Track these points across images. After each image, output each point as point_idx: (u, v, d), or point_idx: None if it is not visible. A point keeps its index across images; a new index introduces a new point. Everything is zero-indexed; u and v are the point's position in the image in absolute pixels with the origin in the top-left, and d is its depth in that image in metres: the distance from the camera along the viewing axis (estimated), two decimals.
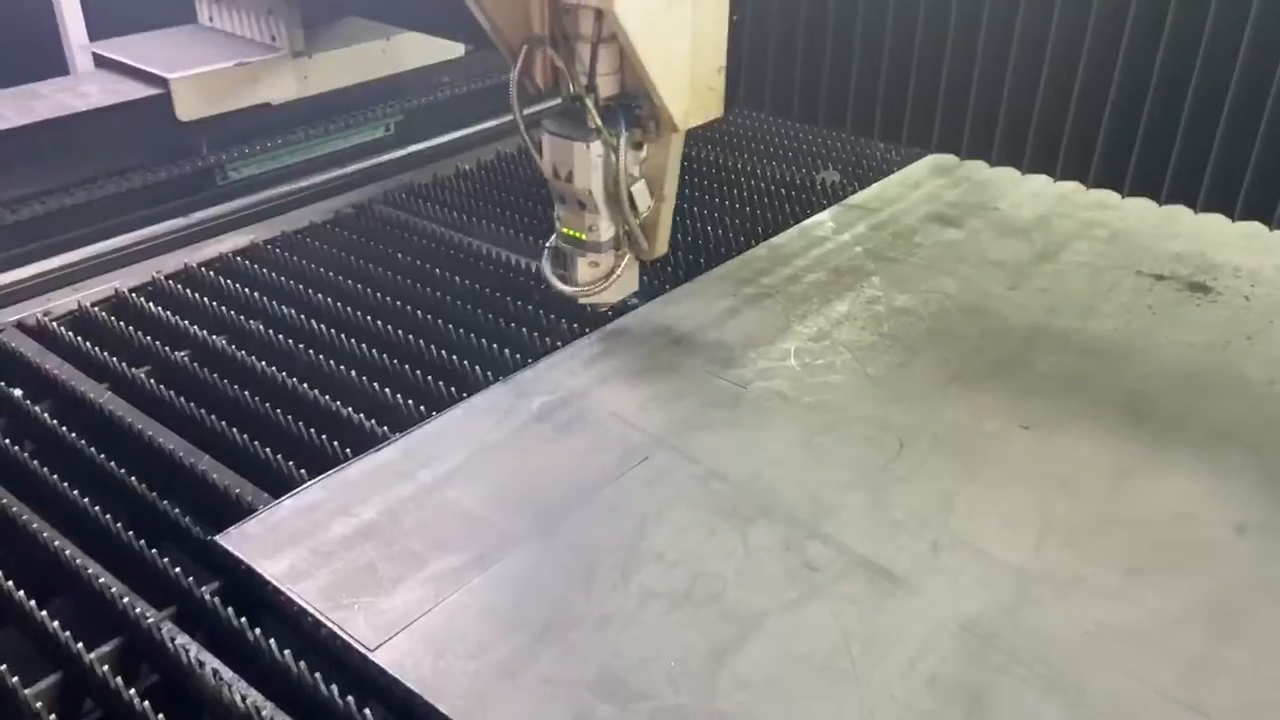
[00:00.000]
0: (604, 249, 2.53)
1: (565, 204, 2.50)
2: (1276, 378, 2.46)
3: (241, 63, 3.80)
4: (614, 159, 2.35)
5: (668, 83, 2.23)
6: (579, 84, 2.28)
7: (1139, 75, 2.12)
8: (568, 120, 2.37)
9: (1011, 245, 3.13)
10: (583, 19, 2.21)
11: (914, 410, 2.42)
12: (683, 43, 2.23)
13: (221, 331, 2.85)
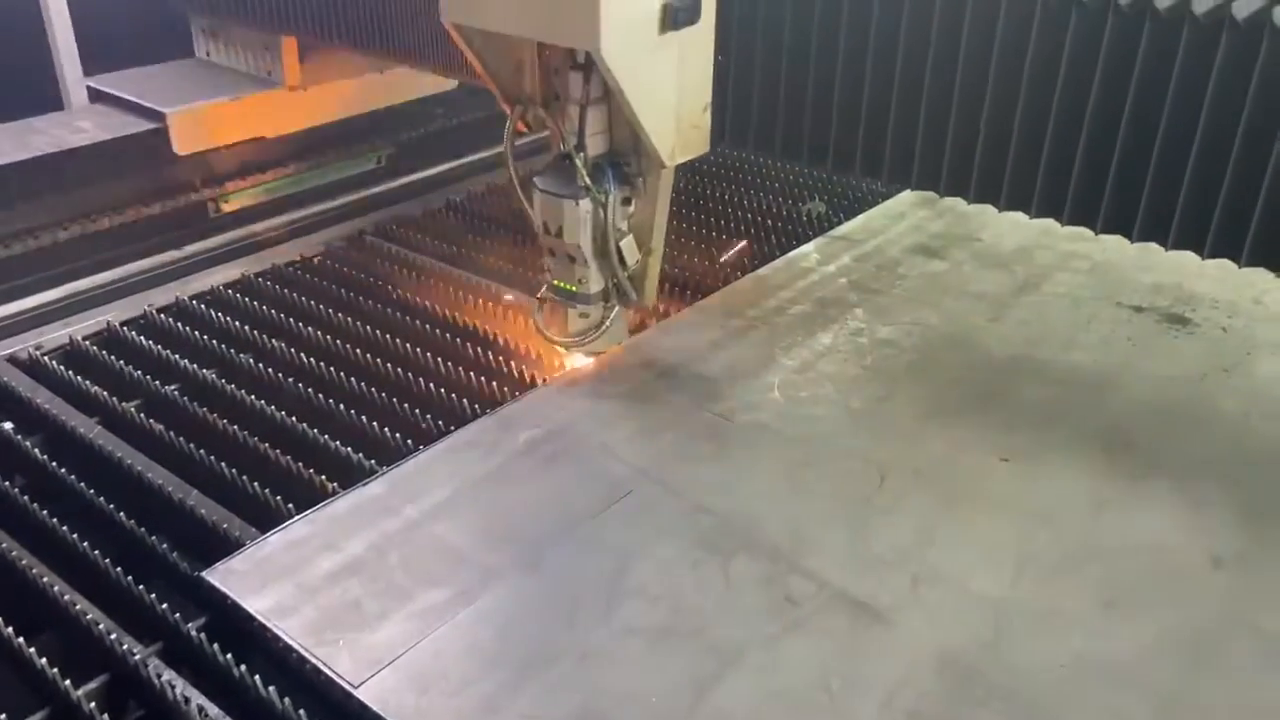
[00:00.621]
0: (593, 301, 2.62)
1: (556, 257, 2.58)
2: (1252, 410, 2.50)
3: (238, 97, 3.86)
4: (602, 215, 2.44)
5: (655, 121, 2.29)
6: (569, 143, 2.38)
7: (1109, 115, 2.16)
8: (558, 177, 2.46)
9: (994, 277, 3.17)
10: (572, 81, 2.30)
11: (896, 443, 2.45)
12: (669, 82, 2.29)
13: (211, 365, 2.88)
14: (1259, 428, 2.44)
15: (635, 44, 2.14)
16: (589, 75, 2.29)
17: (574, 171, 2.40)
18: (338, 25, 3.53)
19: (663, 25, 2.17)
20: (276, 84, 3.97)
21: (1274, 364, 2.68)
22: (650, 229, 2.56)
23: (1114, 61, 2.10)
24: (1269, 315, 2.88)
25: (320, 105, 4.08)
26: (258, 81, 3.99)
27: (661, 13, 2.15)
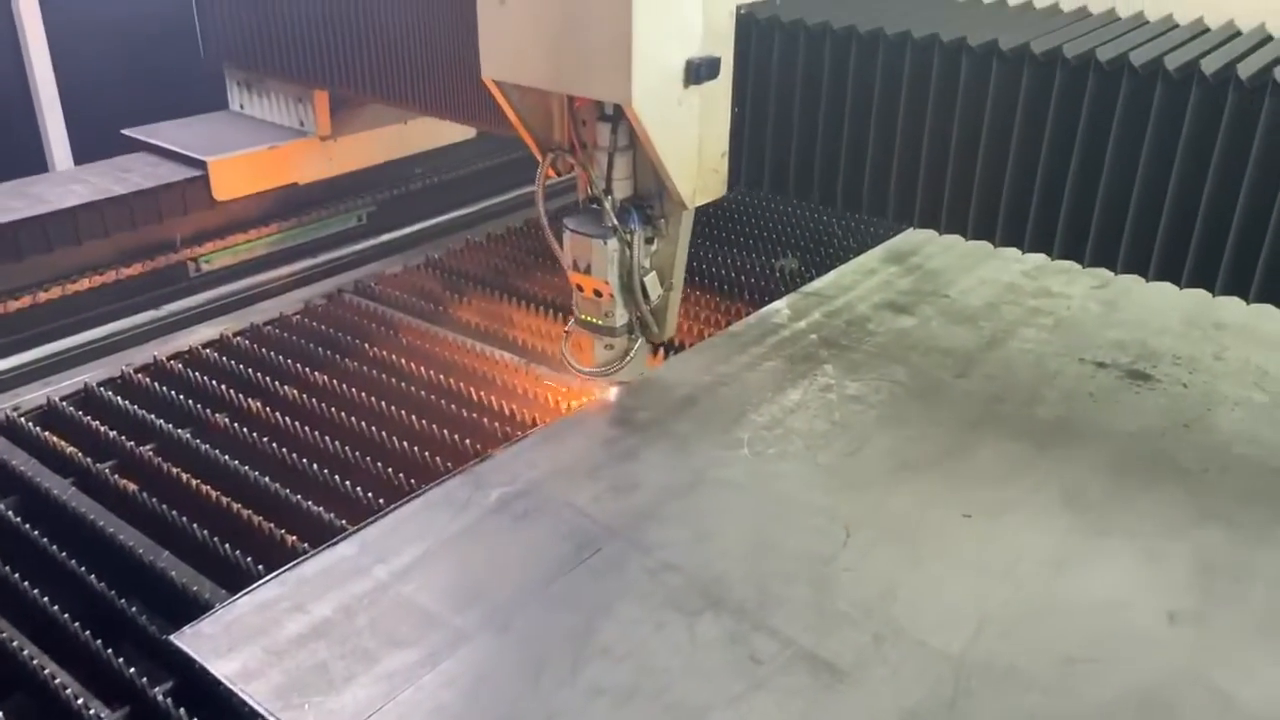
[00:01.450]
0: (618, 333, 2.80)
1: (583, 292, 2.77)
2: (1211, 466, 2.54)
3: (274, 146, 4.08)
4: (628, 253, 2.64)
5: (678, 166, 2.50)
6: (598, 187, 2.58)
7: (1094, 155, 2.31)
8: (586, 218, 2.67)
9: (961, 333, 3.23)
10: (600, 131, 2.52)
11: (862, 499, 2.48)
12: (691, 131, 2.51)
13: (187, 424, 2.91)
14: (1216, 483, 2.48)
15: (662, 97, 2.35)
16: (616, 125, 2.49)
17: (602, 213, 2.60)
18: (376, 80, 3.76)
19: (686, 80, 2.39)
20: (309, 133, 4.19)
21: (1232, 420, 2.73)
22: (671, 266, 2.76)
23: (1099, 102, 2.28)
24: (1229, 371, 2.94)
25: (350, 153, 4.33)
26: (290, 132, 4.21)
27: (685, 69, 2.37)
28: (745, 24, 2.54)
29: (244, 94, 4.40)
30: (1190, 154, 2.18)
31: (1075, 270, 3.56)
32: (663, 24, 2.27)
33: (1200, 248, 2.23)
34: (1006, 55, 2.29)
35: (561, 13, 2.29)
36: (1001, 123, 2.37)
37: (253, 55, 4.08)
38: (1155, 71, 2.16)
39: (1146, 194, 2.26)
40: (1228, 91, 2.10)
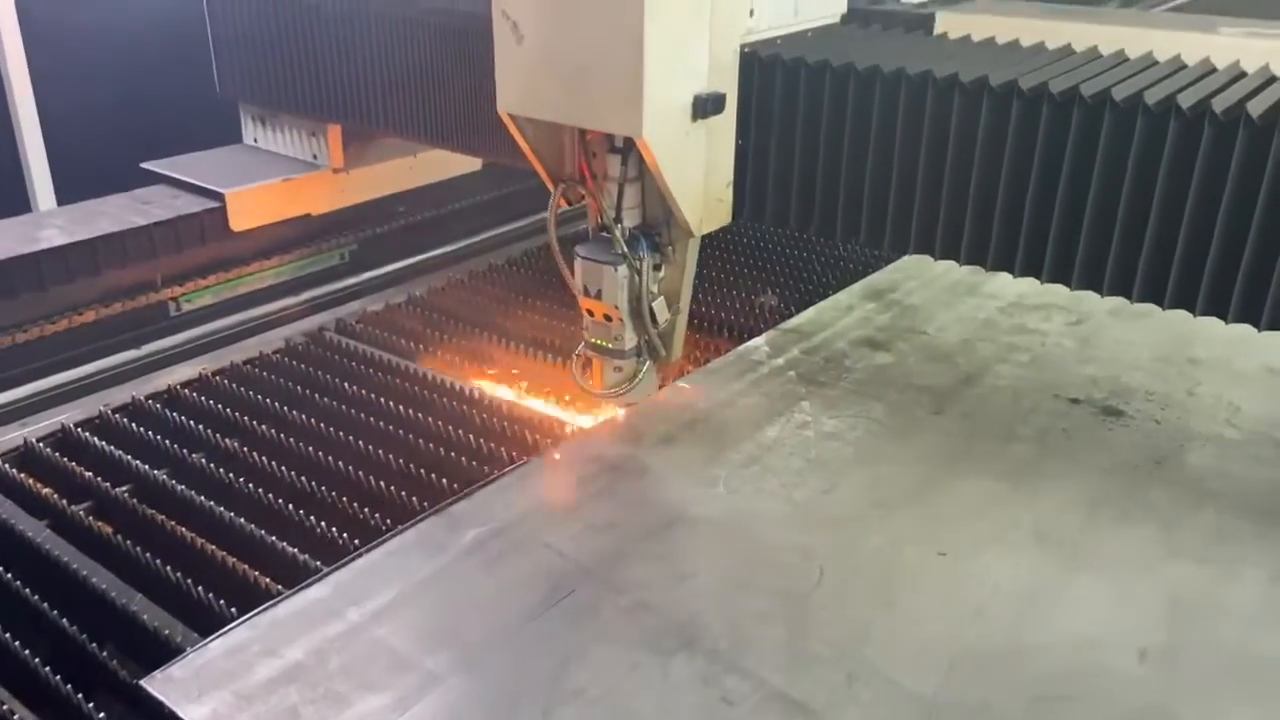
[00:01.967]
0: (627, 356, 2.91)
1: (594, 317, 2.89)
2: (1182, 503, 2.56)
3: (288, 178, 4.22)
4: (637, 280, 2.76)
5: (685, 196, 2.62)
6: (608, 216, 2.69)
7: (1080, 182, 2.41)
8: (597, 246, 2.79)
9: (937, 369, 3.25)
10: (610, 162, 2.65)
11: (836, 537, 2.49)
12: (698, 163, 2.63)
13: (164, 465, 2.91)
14: (1185, 520, 2.49)
15: (671, 130, 2.47)
16: (626, 157, 2.60)
17: (612, 241, 2.71)
18: (390, 114, 3.89)
19: (693, 114, 2.50)
20: (322, 166, 4.32)
21: (1203, 456, 2.75)
22: (679, 292, 2.88)
23: (1083, 133, 2.38)
24: (1201, 408, 2.96)
25: (362, 185, 4.47)
26: (304, 164, 4.34)
27: (692, 104, 2.48)
28: (749, 61, 2.65)
29: (258, 128, 4.55)
30: (1199, 186, 2.28)
31: (1051, 306, 3.62)
32: (672, 62, 2.38)
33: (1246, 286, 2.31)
34: (996, 90, 2.42)
35: (575, 50, 2.39)
36: (992, 149, 2.48)
37: (268, 91, 4.22)
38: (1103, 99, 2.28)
39: (1130, 219, 2.37)
40: (1203, 124, 2.19)
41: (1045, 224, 2.48)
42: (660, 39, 2.31)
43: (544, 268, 4.39)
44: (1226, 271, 2.28)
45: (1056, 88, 2.33)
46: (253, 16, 4.05)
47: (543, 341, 3.67)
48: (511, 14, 2.47)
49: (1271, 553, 2.39)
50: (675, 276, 2.85)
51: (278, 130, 4.45)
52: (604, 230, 2.75)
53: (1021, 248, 2.54)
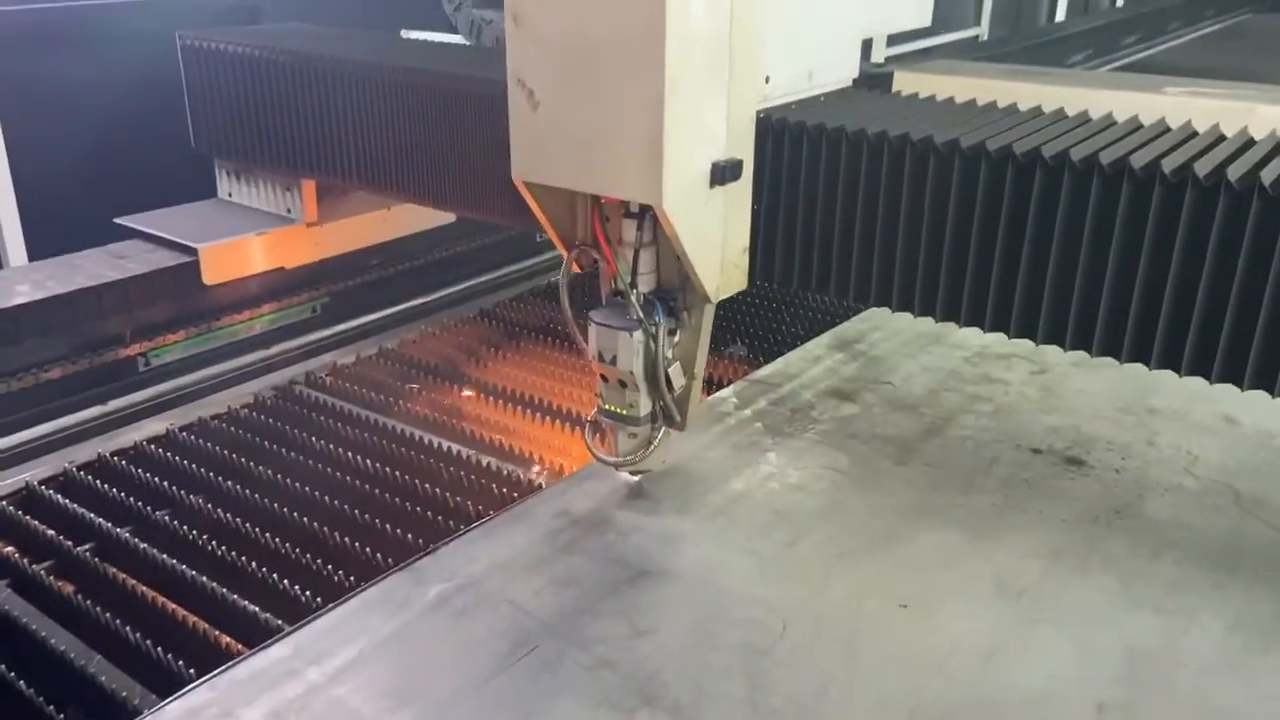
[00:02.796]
0: (642, 422, 2.83)
1: (607, 383, 2.82)
2: (1141, 553, 2.58)
3: (262, 232, 4.21)
4: (653, 345, 2.71)
5: (703, 263, 2.59)
6: (624, 281, 2.66)
7: (1042, 241, 2.43)
8: (611, 311, 2.73)
9: (902, 420, 3.28)
10: (625, 227, 2.62)
11: (799, 590, 2.49)
12: (716, 229, 2.61)
13: (127, 522, 2.89)
14: (1143, 570, 2.51)
15: (690, 198, 2.45)
16: (641, 222, 2.58)
17: (627, 306, 2.68)
18: (363, 171, 3.90)
19: (711, 181, 2.49)
20: (296, 220, 4.32)
21: (1162, 506, 2.77)
22: (694, 357, 2.83)
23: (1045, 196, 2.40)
24: (1160, 458, 2.99)
25: (336, 238, 4.47)
26: (278, 219, 4.35)
27: (710, 171, 2.48)
28: (764, 127, 2.66)
29: (233, 182, 4.57)
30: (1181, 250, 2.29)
31: (1015, 357, 3.67)
32: (692, 130, 2.38)
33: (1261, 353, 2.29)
34: (993, 156, 2.43)
35: (593, 118, 2.38)
36: (989, 215, 2.49)
37: (243, 147, 4.25)
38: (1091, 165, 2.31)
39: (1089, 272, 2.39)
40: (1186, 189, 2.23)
41: (1011, 277, 2.51)
42: (681, 108, 2.30)
43: (513, 319, 4.42)
44: (1178, 326, 2.31)
45: (1020, 148, 2.38)
46: (228, 73, 4.09)
47: (512, 394, 3.68)
48: (527, 81, 2.45)
49: (1228, 601, 2.41)
50: (690, 341, 2.81)
51: (252, 185, 4.47)
52: (618, 295, 2.71)
53: (990, 303, 2.55)
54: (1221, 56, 7.72)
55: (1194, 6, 10.24)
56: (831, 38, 2.87)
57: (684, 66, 2.27)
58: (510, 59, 2.44)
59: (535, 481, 3.06)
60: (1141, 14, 9.49)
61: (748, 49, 2.48)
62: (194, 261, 3.99)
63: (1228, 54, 7.86)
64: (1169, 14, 9.73)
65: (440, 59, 3.81)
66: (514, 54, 2.45)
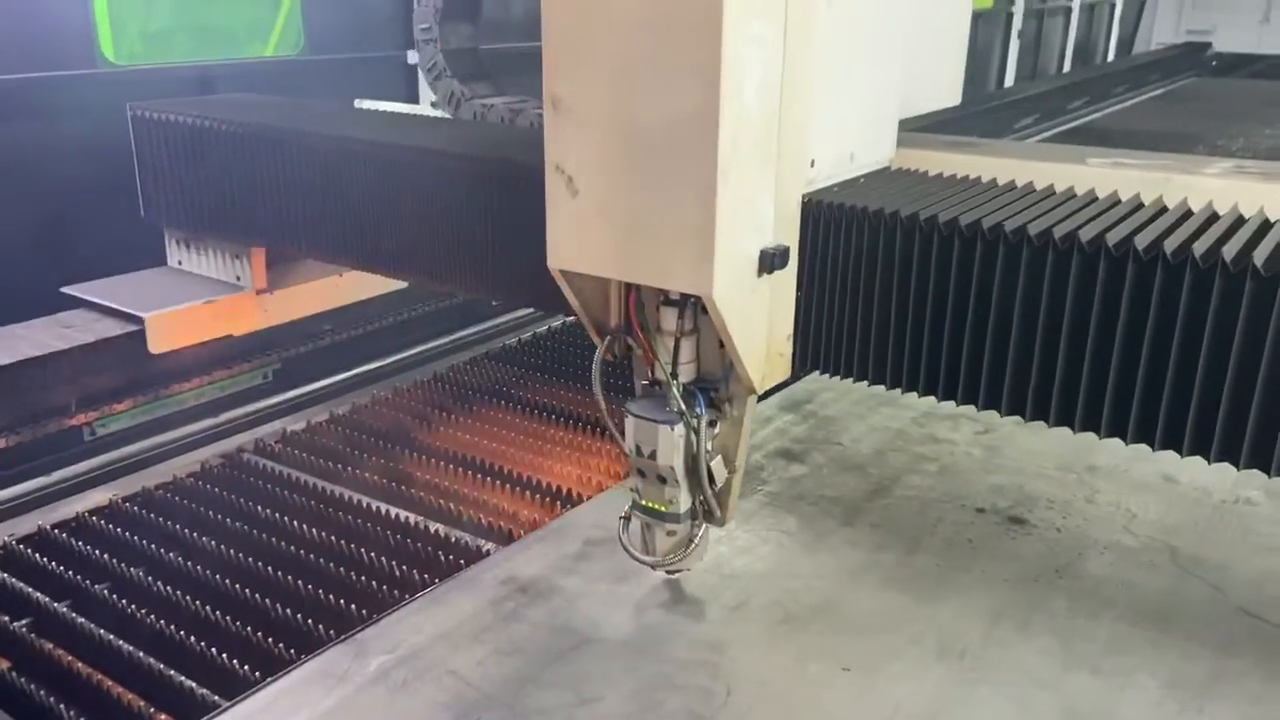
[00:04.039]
0: (682, 519, 2.66)
1: (645, 478, 2.64)
2: (1080, 612, 2.60)
3: (210, 300, 4.17)
4: (694, 438, 2.55)
5: (749, 353, 2.46)
6: (664, 371, 2.50)
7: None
8: (650, 403, 2.57)
9: (850, 480, 3.31)
10: (665, 315, 2.47)
11: (744, 655, 2.49)
12: (762, 318, 2.49)
13: (65, 596, 2.84)
14: (1083, 628, 2.54)
15: (738, 287, 2.33)
16: (683, 310, 2.45)
17: (667, 397, 2.52)
18: (314, 241, 3.87)
19: (760, 269, 2.37)
20: (245, 288, 4.28)
21: (1101, 564, 2.81)
22: (735, 449, 2.67)
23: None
24: (1100, 515, 3.04)
25: (285, 306, 4.42)
26: (227, 286, 4.31)
27: (759, 258, 2.36)
28: (810, 210, 2.55)
29: (182, 250, 4.54)
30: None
31: (961, 416, 3.72)
32: (741, 217, 2.27)
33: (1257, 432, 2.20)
34: (1033, 240, 2.32)
35: (639, 205, 2.26)
36: (1030, 304, 2.36)
37: (192, 216, 4.23)
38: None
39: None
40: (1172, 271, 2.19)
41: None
42: (732, 194, 2.18)
43: (464, 382, 4.43)
44: (1123, 394, 2.27)
45: (1112, 240, 2.24)
46: (177, 143, 4.08)
47: (462, 458, 3.68)
48: (566, 168, 2.33)
49: (1164, 660, 2.43)
50: (731, 433, 2.65)
51: (201, 253, 4.46)
52: (656, 385, 2.56)
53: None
54: (1165, 120, 7.94)
55: (1139, 72, 10.56)
56: (873, 117, 2.79)
57: (736, 151, 2.17)
58: (548, 144, 2.34)
59: (483, 548, 3.04)
60: (1088, 79, 9.77)
61: (796, 131, 2.40)
62: (140, 330, 3.95)
63: (1171, 117, 8.09)
64: (1115, 79, 10.02)
65: (391, 129, 3.82)
66: (552, 139, 2.34)
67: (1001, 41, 11.51)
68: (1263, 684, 2.36)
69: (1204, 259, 2.12)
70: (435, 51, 4.37)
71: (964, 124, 6.97)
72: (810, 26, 2.36)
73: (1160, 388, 2.24)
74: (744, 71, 2.16)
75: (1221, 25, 13.28)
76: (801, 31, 2.32)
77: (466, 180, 3.33)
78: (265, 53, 5.63)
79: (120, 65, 4.80)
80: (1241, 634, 2.53)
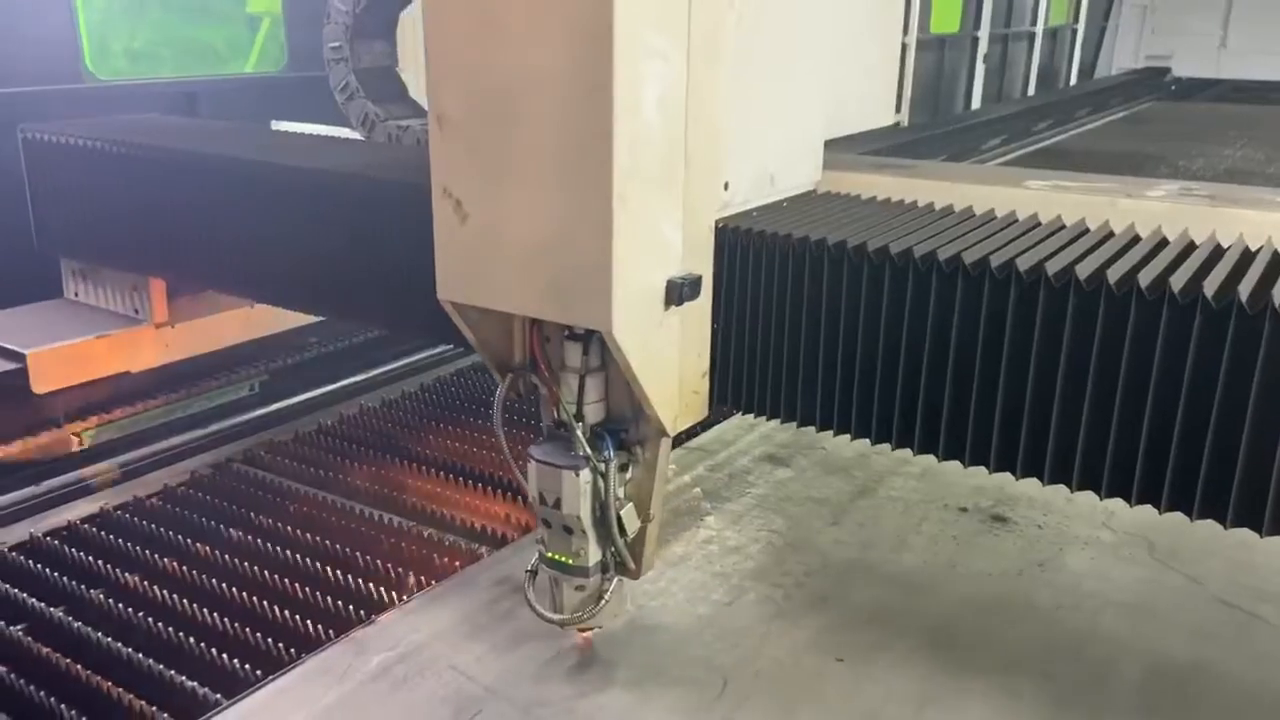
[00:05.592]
0: (591, 573, 2.47)
1: (550, 528, 2.47)
2: (1064, 603, 2.69)
3: (104, 334, 3.94)
4: (602, 485, 2.38)
5: (659, 392, 2.28)
6: (567, 412, 2.33)
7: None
8: (553, 446, 2.38)
9: (834, 482, 3.38)
10: (568, 351, 2.29)
11: (739, 648, 2.55)
12: (672, 354, 2.31)
13: (61, 603, 2.85)
14: (1067, 620, 2.62)
15: (643, 321, 2.15)
16: (588, 345, 2.27)
17: (572, 440, 2.34)
18: (219, 272, 3.61)
19: (667, 301, 2.19)
20: (143, 321, 4.07)
21: (1081, 559, 2.90)
22: (649, 496, 2.49)
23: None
24: (1078, 513, 3.13)
25: (188, 340, 4.18)
26: (125, 319, 4.08)
27: (666, 290, 2.18)
28: (725, 237, 2.36)
29: (79, 282, 4.28)
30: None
31: None
32: (643, 245, 2.08)
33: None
34: (968, 270, 2.13)
35: (531, 232, 2.08)
36: (966, 336, 2.17)
37: (87, 245, 3.99)
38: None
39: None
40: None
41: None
42: (632, 220, 2.01)
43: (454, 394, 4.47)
44: (1066, 433, 2.08)
45: (1051, 268, 2.05)
46: (70, 167, 3.81)
47: (452, 466, 3.71)
48: (454, 191, 2.15)
49: (1144, 649, 2.52)
50: (645, 478, 2.45)
51: (99, 285, 4.20)
52: (561, 427, 2.37)
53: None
54: (1129, 141, 8.16)
55: (1101, 96, 10.83)
56: (794, 138, 2.62)
57: (635, 172, 1.98)
58: (434, 165, 2.16)
59: (477, 550, 3.08)
60: (1052, 103, 10.02)
61: (706, 152, 2.22)
62: (22, 368, 3.68)
63: (1135, 139, 8.30)
64: (1078, 102, 10.28)
65: (299, 152, 3.51)
66: (439, 160, 2.15)
67: (968, 65, 11.75)
68: (1243, 668, 2.45)
69: (1150, 290, 1.95)
70: (347, 71, 4.04)
71: (932, 145, 7.13)
72: (718, 41, 2.17)
73: (1107, 424, 2.03)
74: (641, 87, 1.98)
75: (1180, 50, 13.62)
76: (708, 46, 2.14)
77: (371, 204, 3.01)
78: (245, 69, 5.67)
79: (103, 80, 4.83)
80: (1220, 622, 2.63)
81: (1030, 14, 12.97)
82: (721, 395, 2.50)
